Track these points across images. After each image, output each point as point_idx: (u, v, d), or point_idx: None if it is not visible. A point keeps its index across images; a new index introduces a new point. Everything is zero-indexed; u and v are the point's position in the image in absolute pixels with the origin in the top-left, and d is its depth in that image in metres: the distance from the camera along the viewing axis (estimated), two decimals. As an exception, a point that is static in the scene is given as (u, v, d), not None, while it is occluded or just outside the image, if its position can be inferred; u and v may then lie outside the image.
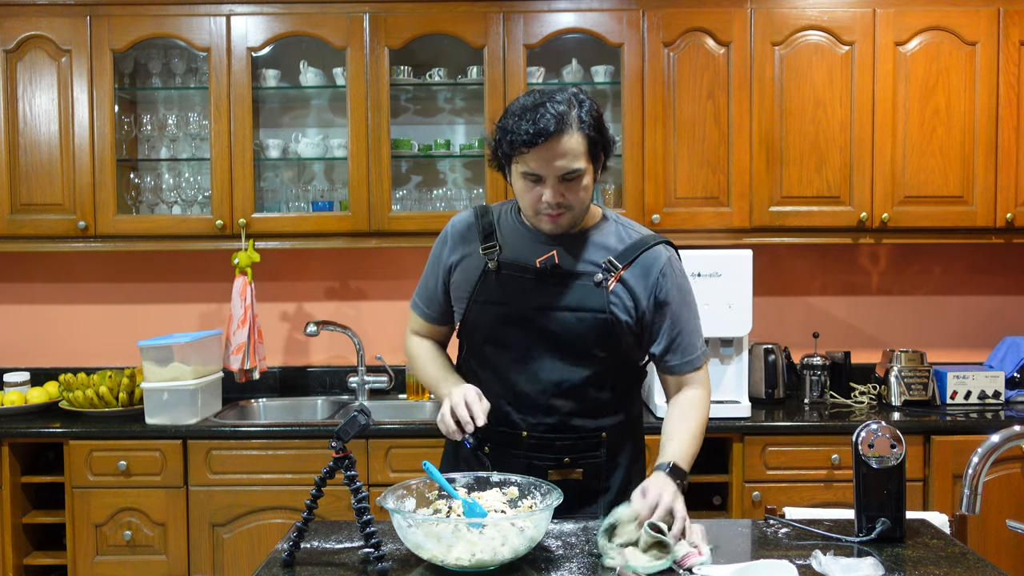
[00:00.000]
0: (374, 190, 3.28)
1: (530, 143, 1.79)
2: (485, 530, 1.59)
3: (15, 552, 3.08)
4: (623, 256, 1.94)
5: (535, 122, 1.79)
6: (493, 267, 1.95)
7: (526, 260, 1.94)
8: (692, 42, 3.26)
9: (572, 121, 1.82)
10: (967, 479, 1.64)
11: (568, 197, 1.86)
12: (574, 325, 1.91)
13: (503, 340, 1.96)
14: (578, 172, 1.84)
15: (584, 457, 1.97)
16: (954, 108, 3.27)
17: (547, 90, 1.87)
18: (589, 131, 1.84)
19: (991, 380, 3.27)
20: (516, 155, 1.83)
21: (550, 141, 1.80)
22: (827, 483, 3.03)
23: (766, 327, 3.59)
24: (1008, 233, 3.33)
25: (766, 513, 1.98)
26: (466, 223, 2.04)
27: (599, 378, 1.96)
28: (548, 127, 1.79)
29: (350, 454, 1.71)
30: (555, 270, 1.92)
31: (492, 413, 1.92)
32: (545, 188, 1.85)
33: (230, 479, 3.03)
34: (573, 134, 1.82)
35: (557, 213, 1.87)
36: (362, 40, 3.26)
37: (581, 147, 1.83)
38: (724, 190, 3.28)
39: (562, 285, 1.92)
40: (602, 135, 1.88)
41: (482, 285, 1.96)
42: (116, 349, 3.65)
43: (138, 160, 3.52)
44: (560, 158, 1.81)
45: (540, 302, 1.92)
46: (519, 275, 1.94)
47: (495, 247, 1.96)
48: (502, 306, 1.94)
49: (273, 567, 1.70)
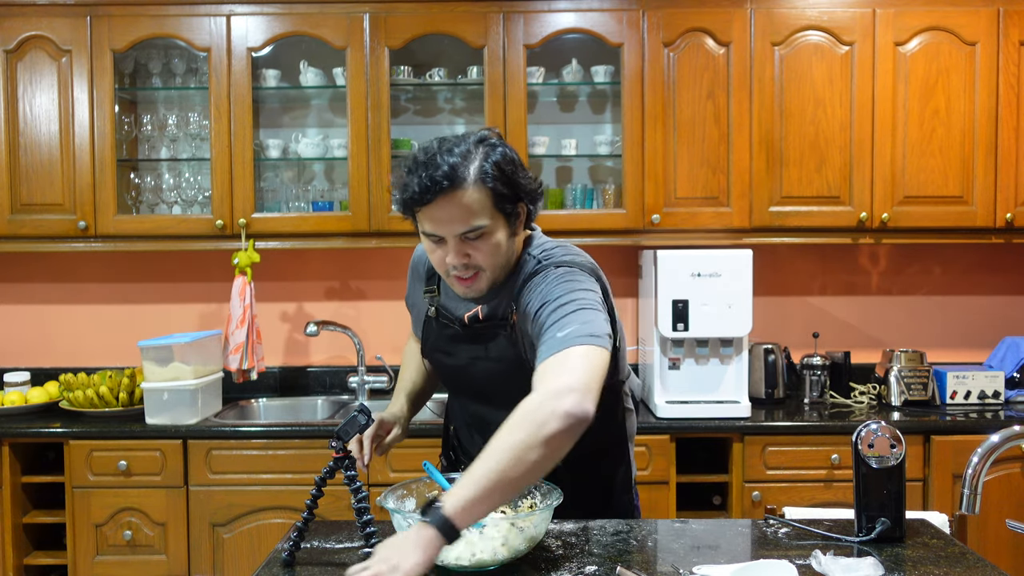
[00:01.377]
0: (374, 190, 3.28)
1: (419, 201, 1.62)
2: (485, 530, 1.60)
3: (15, 552, 3.08)
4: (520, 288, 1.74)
5: (425, 177, 1.61)
6: (432, 314, 1.90)
7: (455, 311, 1.85)
8: (692, 42, 3.26)
9: (469, 174, 1.62)
10: (967, 479, 1.64)
11: (475, 257, 1.67)
12: (499, 374, 1.80)
13: (454, 383, 1.98)
14: (480, 230, 1.65)
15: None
16: (954, 108, 3.27)
17: (449, 138, 1.69)
18: (492, 183, 1.63)
19: (991, 380, 3.27)
20: (411, 213, 1.67)
21: (443, 197, 1.61)
22: (827, 483, 3.03)
23: (766, 327, 3.59)
24: (1008, 233, 3.33)
25: (766, 513, 1.98)
26: (421, 259, 1.97)
27: None
28: (439, 183, 1.60)
29: (350, 454, 1.72)
30: (476, 324, 1.81)
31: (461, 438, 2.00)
32: (448, 249, 1.68)
33: (230, 479, 3.03)
34: (468, 189, 1.62)
35: (468, 276, 1.70)
36: (362, 40, 3.26)
37: (484, 201, 1.63)
38: (724, 190, 3.28)
39: (486, 337, 1.81)
40: (511, 186, 1.66)
41: (427, 329, 1.94)
42: (116, 349, 3.65)
43: (138, 160, 3.52)
44: (455, 218, 1.63)
45: (471, 353, 1.84)
46: (450, 324, 1.87)
47: (434, 291, 1.90)
48: (443, 354, 1.91)
49: (273, 567, 1.70)
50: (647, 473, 3.00)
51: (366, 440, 1.91)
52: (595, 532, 1.85)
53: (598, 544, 1.78)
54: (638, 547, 1.78)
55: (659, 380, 3.15)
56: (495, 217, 1.67)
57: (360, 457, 1.88)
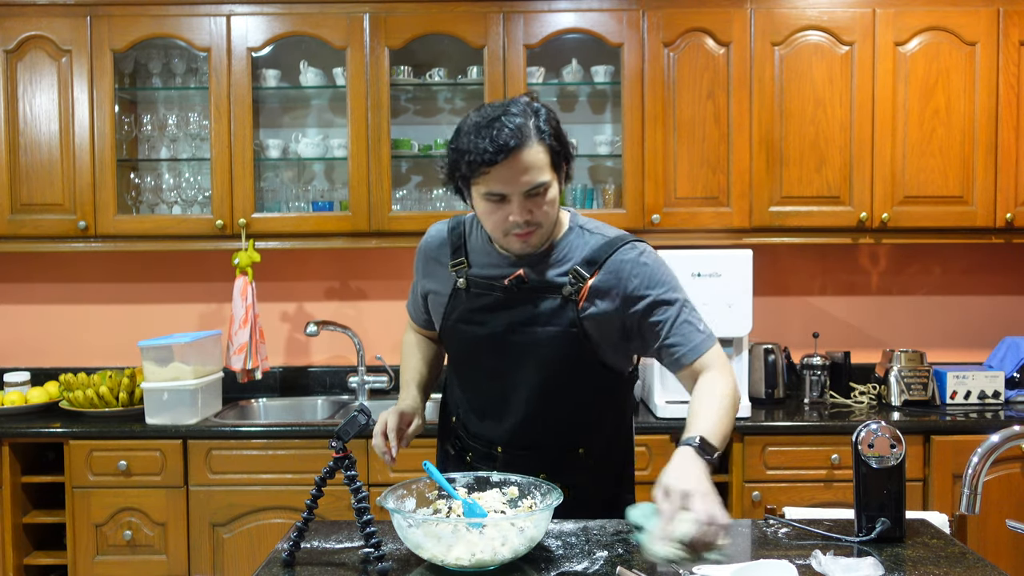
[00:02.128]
0: (374, 190, 3.28)
1: (491, 161, 1.69)
2: (485, 530, 1.60)
3: (15, 552, 3.08)
4: (589, 264, 1.83)
5: (493, 139, 1.68)
6: (462, 285, 1.90)
7: (493, 278, 1.87)
8: (692, 42, 3.26)
9: (531, 132, 1.72)
10: (967, 479, 1.64)
11: (536, 214, 1.76)
12: (545, 342, 1.83)
13: (476, 358, 1.93)
14: (544, 185, 1.74)
15: (562, 474, 1.88)
16: (954, 108, 3.27)
17: (499, 103, 1.77)
18: (550, 140, 1.74)
19: (991, 380, 3.27)
20: (476, 176, 1.72)
21: (511, 157, 1.69)
22: (827, 483, 3.03)
23: (766, 327, 3.59)
24: (1008, 233, 3.33)
25: (766, 513, 1.98)
26: (438, 238, 1.98)
27: (576, 394, 1.90)
28: (508, 142, 1.68)
29: (350, 454, 1.72)
30: (522, 287, 1.84)
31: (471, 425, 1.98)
32: (511, 207, 1.75)
33: (230, 479, 3.03)
34: (534, 146, 1.72)
35: (526, 232, 1.77)
36: (362, 40, 3.27)
37: (544, 159, 1.74)
38: (724, 190, 3.28)
39: (530, 302, 1.84)
40: (563, 144, 1.78)
41: (452, 303, 1.92)
42: (116, 349, 3.66)
43: (138, 160, 3.52)
44: (524, 173, 1.71)
45: (509, 320, 1.85)
46: (487, 292, 1.87)
47: (463, 264, 1.91)
48: (474, 325, 1.89)
49: (273, 567, 1.70)
50: (647, 473, 3.00)
51: (391, 434, 1.93)
52: (595, 532, 1.84)
53: (598, 544, 1.78)
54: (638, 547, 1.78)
55: (659, 380, 3.15)
56: (552, 174, 1.77)
57: (388, 451, 1.92)
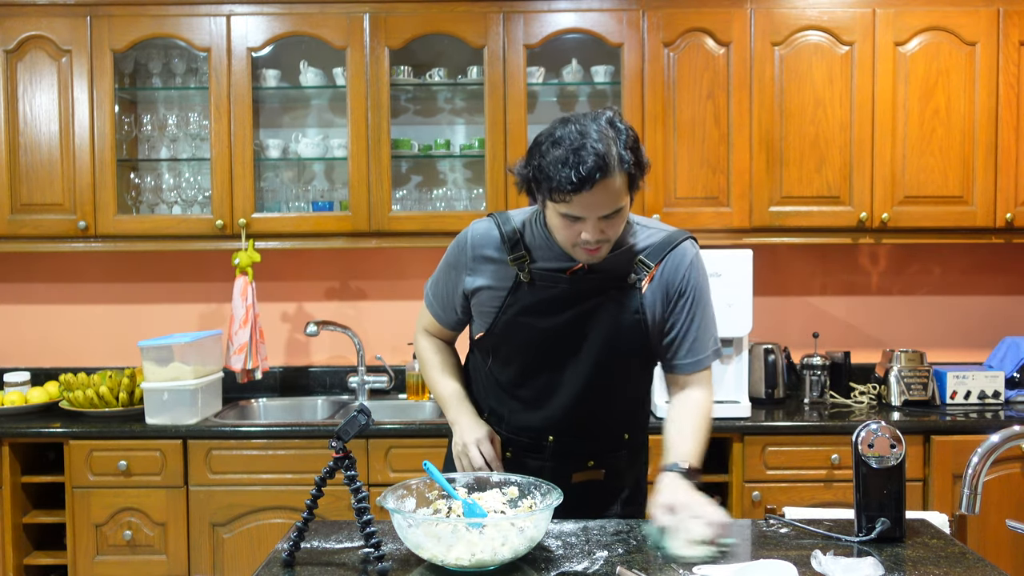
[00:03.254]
0: (374, 190, 3.28)
1: (576, 191, 1.70)
2: (485, 530, 1.60)
3: (15, 552, 3.08)
4: (653, 255, 1.92)
5: (578, 169, 1.69)
6: (525, 278, 1.90)
7: (558, 269, 1.90)
8: (692, 42, 3.26)
9: (614, 161, 1.72)
10: (967, 479, 1.64)
11: (607, 232, 1.80)
12: (611, 329, 1.89)
13: (535, 350, 1.93)
14: (620, 209, 1.78)
15: (608, 459, 1.99)
16: (954, 108, 3.27)
17: (582, 120, 1.75)
18: (628, 167, 1.75)
19: (991, 380, 3.27)
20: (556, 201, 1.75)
21: (595, 187, 1.71)
22: (827, 483, 3.03)
23: (766, 327, 3.59)
24: (1008, 233, 3.33)
25: (766, 513, 1.98)
26: (487, 236, 1.95)
27: (629, 380, 1.98)
28: (593, 175, 1.69)
29: (350, 454, 1.71)
30: (588, 276, 1.89)
31: (516, 419, 1.98)
32: (585, 225, 1.77)
33: (230, 479, 3.03)
34: (615, 177, 1.73)
35: (596, 248, 1.81)
36: (362, 40, 3.27)
37: (624, 186, 1.76)
38: (724, 190, 3.28)
39: (596, 290, 1.89)
40: (639, 164, 1.78)
41: (513, 296, 1.92)
42: (116, 349, 3.66)
43: (138, 160, 3.52)
44: (604, 201, 1.74)
45: (574, 309, 1.89)
46: (552, 284, 1.90)
47: (524, 257, 1.91)
48: (535, 316, 1.90)
49: (273, 567, 1.70)
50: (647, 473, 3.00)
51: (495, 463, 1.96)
52: (595, 532, 1.85)
53: (598, 544, 1.78)
54: (638, 547, 1.78)
55: (659, 380, 3.13)
56: (628, 196, 1.79)
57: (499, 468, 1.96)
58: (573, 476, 1.96)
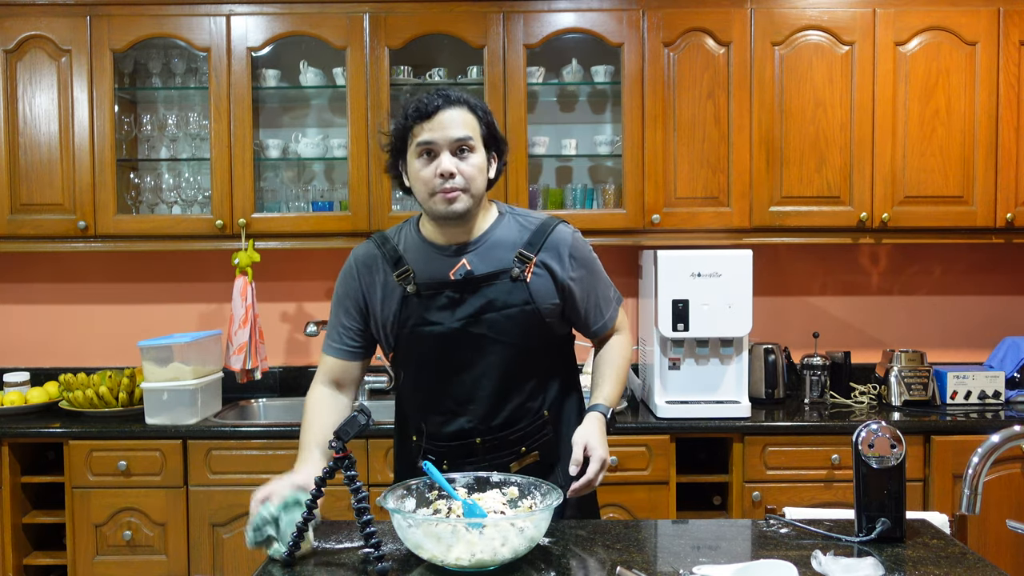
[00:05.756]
0: (374, 190, 3.28)
1: (423, 114, 1.90)
2: (485, 530, 1.59)
3: (15, 552, 3.08)
4: (531, 245, 2.00)
5: (428, 100, 1.92)
6: (412, 291, 1.98)
7: (441, 276, 1.98)
8: (692, 42, 3.26)
9: (463, 101, 1.94)
10: (967, 479, 1.64)
11: (463, 171, 1.91)
12: (504, 324, 1.97)
13: (439, 358, 1.99)
14: (469, 142, 1.92)
15: (536, 440, 2.04)
16: (954, 108, 3.27)
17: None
18: (481, 114, 1.95)
19: (991, 380, 3.27)
20: (412, 131, 1.92)
21: (442, 112, 1.90)
22: (827, 483, 3.03)
23: (766, 327, 3.59)
24: (1008, 233, 3.33)
25: (766, 513, 1.98)
26: (369, 255, 2.05)
27: (536, 364, 2.03)
28: (438, 102, 1.91)
29: (350, 454, 1.71)
30: (471, 278, 1.97)
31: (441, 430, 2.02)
32: (440, 160, 1.91)
33: (230, 479, 3.03)
34: (464, 110, 1.93)
35: (451, 189, 1.91)
36: (362, 40, 3.26)
37: (472, 122, 1.94)
38: (724, 190, 3.28)
39: (481, 290, 1.97)
40: (493, 129, 1.98)
41: (404, 311, 1.99)
42: (116, 349, 3.65)
43: (138, 160, 3.52)
44: (453, 126, 1.91)
45: (467, 312, 1.97)
46: (438, 292, 1.97)
47: (408, 272, 1.99)
48: (431, 325, 1.98)
49: (273, 567, 1.70)
50: (647, 473, 3.00)
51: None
52: (595, 532, 1.85)
53: (598, 544, 1.78)
54: (638, 547, 1.78)
55: (659, 380, 3.15)
56: (481, 144, 1.95)
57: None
58: (511, 467, 2.02)
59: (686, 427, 3.04)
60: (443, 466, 2.01)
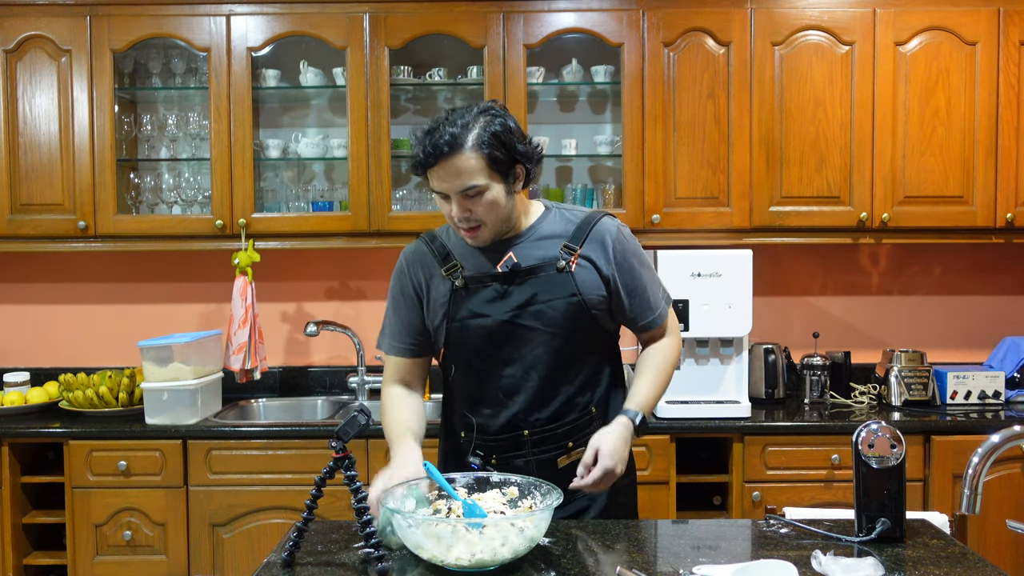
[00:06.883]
0: (374, 190, 3.28)
1: (425, 164, 1.89)
2: (485, 530, 1.60)
3: (15, 552, 3.07)
4: (576, 237, 2.01)
5: (426, 145, 1.88)
6: (460, 284, 2.00)
7: (488, 269, 2.00)
8: (692, 42, 3.26)
9: (466, 141, 1.87)
10: (967, 479, 1.64)
11: (476, 212, 1.91)
12: (551, 315, 1.97)
13: (488, 350, 2.01)
14: (476, 188, 1.89)
15: (583, 435, 2.02)
16: (954, 108, 3.27)
17: (457, 109, 1.94)
18: (487, 149, 1.88)
19: (991, 380, 3.27)
20: (422, 175, 1.93)
21: (442, 161, 1.87)
22: (827, 483, 3.03)
23: (766, 327, 3.59)
24: (1008, 233, 3.33)
25: (766, 513, 1.98)
26: (419, 252, 2.09)
27: (584, 358, 2.03)
28: (440, 150, 1.87)
29: (350, 454, 1.71)
30: (517, 270, 1.99)
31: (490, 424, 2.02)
32: (452, 204, 1.92)
33: (230, 479, 3.03)
34: (465, 153, 1.87)
35: (470, 227, 1.94)
36: (362, 40, 3.26)
37: (477, 164, 1.88)
38: (724, 190, 3.28)
39: (528, 282, 1.98)
40: (507, 150, 1.91)
41: (454, 305, 2.01)
42: (116, 349, 3.65)
43: (138, 160, 3.52)
44: (456, 177, 1.88)
45: (514, 303, 1.98)
46: (486, 285, 2.00)
47: (456, 266, 2.02)
48: (480, 318, 2.00)
49: (273, 567, 1.70)
50: (647, 473, 3.00)
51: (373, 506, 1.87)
52: (595, 532, 1.85)
53: (598, 544, 1.78)
54: (638, 547, 1.78)
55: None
56: (491, 178, 1.91)
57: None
58: (559, 462, 2.02)
59: (686, 427, 3.04)
60: (492, 462, 2.02)
